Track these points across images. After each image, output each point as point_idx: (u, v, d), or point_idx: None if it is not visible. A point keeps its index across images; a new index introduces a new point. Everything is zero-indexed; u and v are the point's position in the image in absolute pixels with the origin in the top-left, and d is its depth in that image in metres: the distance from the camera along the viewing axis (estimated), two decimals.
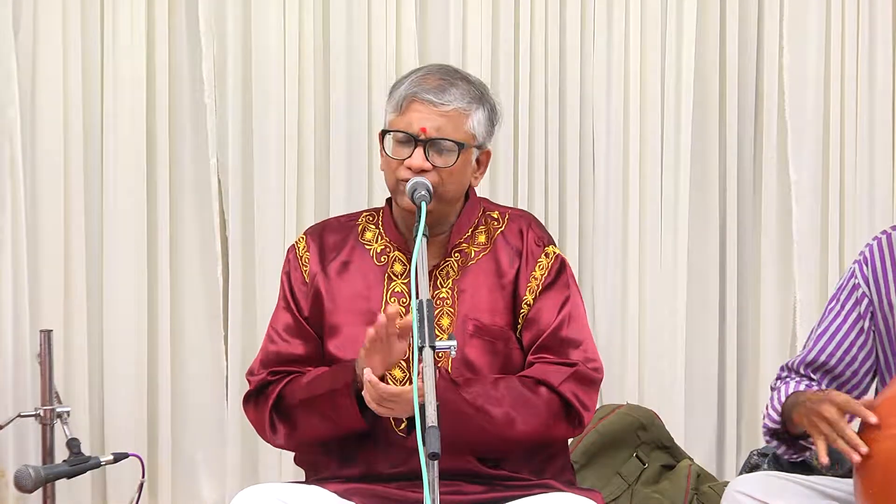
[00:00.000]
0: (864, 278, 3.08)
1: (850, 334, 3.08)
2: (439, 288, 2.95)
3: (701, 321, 4.76)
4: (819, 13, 4.78)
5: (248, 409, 3.02)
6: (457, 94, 2.88)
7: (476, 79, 2.97)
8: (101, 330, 4.39)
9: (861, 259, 3.10)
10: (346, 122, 4.49)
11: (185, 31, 4.42)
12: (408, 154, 2.87)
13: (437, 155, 2.87)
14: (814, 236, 4.81)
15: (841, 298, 3.11)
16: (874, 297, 3.06)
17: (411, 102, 2.88)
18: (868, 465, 2.74)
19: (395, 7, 4.51)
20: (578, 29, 4.66)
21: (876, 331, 3.08)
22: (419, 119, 2.87)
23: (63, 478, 3.02)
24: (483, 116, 2.93)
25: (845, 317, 3.09)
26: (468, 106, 2.89)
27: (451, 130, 2.87)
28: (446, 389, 2.76)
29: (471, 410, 2.80)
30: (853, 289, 3.09)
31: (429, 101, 2.87)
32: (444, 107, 2.87)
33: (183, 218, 4.45)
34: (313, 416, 2.90)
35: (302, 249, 3.04)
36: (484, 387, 2.84)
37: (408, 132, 2.87)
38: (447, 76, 2.91)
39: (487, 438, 2.83)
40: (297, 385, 2.93)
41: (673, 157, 4.70)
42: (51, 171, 4.32)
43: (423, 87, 2.88)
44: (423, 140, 2.86)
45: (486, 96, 2.94)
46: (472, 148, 2.92)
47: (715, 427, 4.80)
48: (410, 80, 2.91)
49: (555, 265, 2.97)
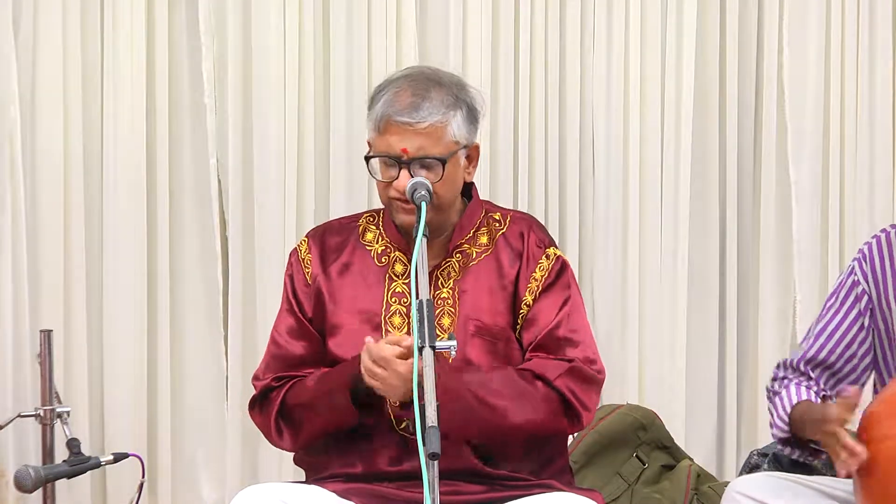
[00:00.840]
0: (863, 275, 3.08)
1: (850, 331, 3.08)
2: (440, 288, 2.95)
3: (701, 321, 4.76)
4: (819, 13, 4.78)
5: (253, 414, 3.03)
6: (430, 109, 2.87)
7: (448, 78, 2.95)
8: (101, 330, 4.38)
9: (860, 256, 3.10)
10: (346, 122, 4.49)
11: (185, 31, 4.42)
12: (394, 175, 2.88)
13: (423, 171, 2.88)
14: (814, 236, 4.81)
15: (840, 295, 3.11)
16: (873, 295, 3.06)
17: (388, 124, 2.88)
18: (868, 465, 2.73)
19: (395, 7, 4.51)
20: (578, 29, 4.66)
21: (875, 328, 3.08)
22: (398, 141, 2.87)
23: (63, 478, 3.02)
24: (462, 119, 2.92)
25: (845, 314, 3.09)
26: (444, 116, 2.88)
27: (431, 146, 2.87)
28: (446, 375, 2.75)
29: (469, 397, 2.80)
30: (853, 286, 3.09)
31: (404, 123, 2.86)
32: (420, 124, 2.87)
33: (183, 218, 4.45)
34: (313, 414, 2.91)
35: (304, 252, 3.05)
36: (481, 375, 2.84)
37: (389, 155, 2.88)
38: (419, 90, 2.89)
39: (484, 426, 2.83)
40: (300, 387, 2.94)
41: (673, 158, 4.70)
42: (51, 171, 4.32)
43: (395, 107, 2.87)
44: (406, 161, 2.86)
45: (461, 97, 2.92)
46: (457, 153, 2.92)
47: (715, 427, 4.79)
48: (384, 98, 2.90)
49: (555, 266, 2.98)
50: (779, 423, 3.04)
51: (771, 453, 3.98)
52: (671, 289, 4.71)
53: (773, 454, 3.97)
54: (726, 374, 4.78)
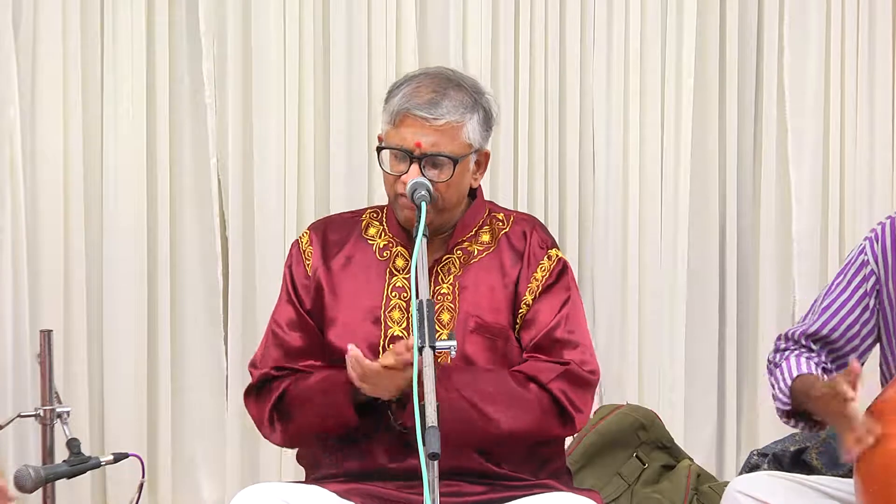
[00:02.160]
0: (873, 255, 3.06)
1: (855, 310, 3.07)
2: (440, 283, 2.95)
3: (701, 321, 4.76)
4: (819, 14, 4.79)
5: (248, 402, 3.02)
6: (449, 107, 2.87)
7: (470, 82, 2.96)
8: (101, 330, 4.38)
9: (872, 236, 3.07)
10: (346, 122, 4.49)
11: (185, 31, 4.42)
12: (404, 169, 2.87)
13: (433, 169, 2.87)
14: (813, 236, 4.82)
15: (848, 274, 3.09)
16: (881, 275, 3.05)
17: (405, 117, 2.88)
18: (869, 465, 2.73)
19: (395, 7, 4.51)
20: (578, 29, 4.66)
21: (880, 308, 3.06)
22: (413, 134, 2.87)
23: (63, 478, 3.01)
24: (478, 122, 2.92)
25: (851, 292, 3.08)
26: (461, 117, 2.89)
27: (445, 144, 2.87)
28: (437, 382, 2.75)
29: (461, 402, 2.80)
30: (862, 265, 3.07)
31: (421, 118, 2.86)
32: (437, 121, 2.87)
33: (183, 218, 4.45)
34: (310, 411, 2.90)
35: (305, 244, 3.04)
36: (474, 378, 2.84)
37: (402, 148, 2.88)
38: (439, 87, 2.89)
39: (476, 433, 2.82)
40: (301, 386, 2.93)
41: (673, 158, 4.71)
42: (51, 171, 4.32)
43: (414, 101, 2.87)
44: (417, 156, 2.86)
45: (479, 101, 2.93)
46: (468, 156, 2.92)
47: (715, 427, 4.80)
48: (403, 91, 2.90)
49: (556, 267, 2.98)
50: (780, 395, 3.03)
51: (771, 453, 3.98)
52: (671, 289, 4.71)
53: (773, 454, 3.97)
54: (726, 375, 4.79)
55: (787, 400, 3.02)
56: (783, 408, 3.04)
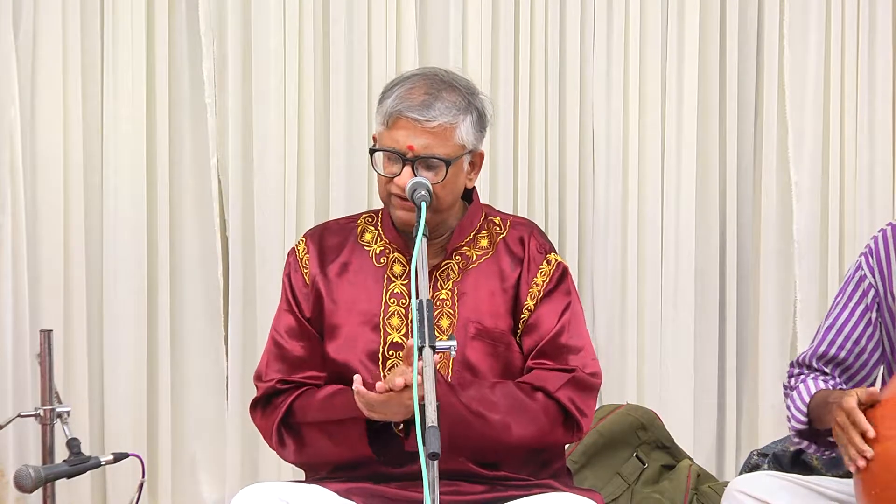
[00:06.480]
0: (870, 269, 3.08)
1: (859, 326, 3.08)
2: (439, 289, 2.95)
3: (701, 321, 4.76)
4: (819, 14, 4.79)
5: (255, 415, 3.02)
6: (442, 109, 2.86)
7: (464, 83, 2.95)
8: (101, 330, 4.38)
9: (867, 251, 3.10)
10: (346, 122, 4.49)
11: (185, 31, 4.42)
12: (397, 171, 2.87)
13: (426, 171, 2.87)
14: (814, 236, 4.81)
15: (847, 291, 3.11)
16: (880, 288, 3.07)
17: (397, 119, 2.87)
18: (870, 465, 2.73)
19: (395, 7, 4.51)
20: (578, 29, 4.66)
21: (882, 321, 3.08)
22: (406, 136, 2.86)
23: (63, 478, 3.01)
24: (471, 124, 2.91)
25: (853, 309, 3.09)
26: (454, 119, 2.88)
27: (438, 146, 2.86)
28: (444, 394, 2.75)
29: (469, 415, 2.80)
30: (860, 281, 3.09)
31: (414, 119, 2.85)
32: (430, 123, 2.86)
33: (183, 218, 4.45)
34: (324, 439, 2.90)
35: (302, 252, 3.04)
36: (481, 391, 2.84)
37: (395, 150, 2.87)
38: (432, 88, 2.89)
39: (484, 443, 2.83)
40: (309, 402, 2.93)
41: (673, 158, 4.71)
42: (51, 171, 4.32)
43: (407, 103, 2.86)
44: (410, 158, 2.86)
45: (473, 102, 2.92)
46: (462, 157, 2.92)
47: (715, 427, 4.80)
48: (397, 93, 2.89)
49: (556, 272, 2.98)
50: (796, 414, 3.04)
51: (771, 453, 3.98)
52: (671, 289, 4.71)
53: (773, 454, 3.97)
54: (726, 375, 4.79)
55: (804, 418, 3.03)
56: (799, 426, 3.04)
